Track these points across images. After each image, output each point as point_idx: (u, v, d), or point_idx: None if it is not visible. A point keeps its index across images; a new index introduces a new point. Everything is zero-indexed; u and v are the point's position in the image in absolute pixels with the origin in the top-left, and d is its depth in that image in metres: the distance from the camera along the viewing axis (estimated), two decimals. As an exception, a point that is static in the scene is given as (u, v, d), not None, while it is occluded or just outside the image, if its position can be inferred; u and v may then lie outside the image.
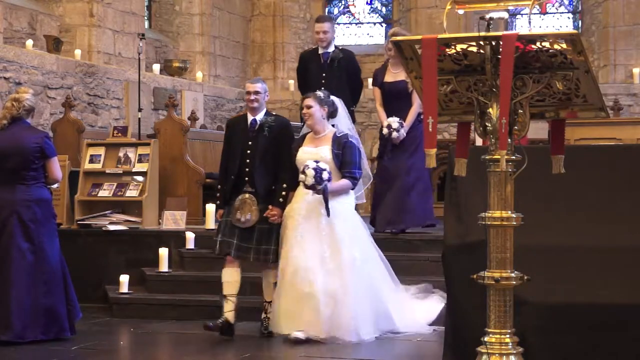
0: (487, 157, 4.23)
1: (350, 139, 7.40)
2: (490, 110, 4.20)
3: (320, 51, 9.29)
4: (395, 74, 8.99)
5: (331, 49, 9.23)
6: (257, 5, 17.96)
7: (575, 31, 4.18)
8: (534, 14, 16.84)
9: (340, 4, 18.61)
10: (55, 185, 7.67)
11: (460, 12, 4.46)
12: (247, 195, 7.57)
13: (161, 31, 16.40)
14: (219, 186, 7.85)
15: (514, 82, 4.11)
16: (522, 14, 17.06)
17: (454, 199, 5.28)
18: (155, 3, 16.46)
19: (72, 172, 9.92)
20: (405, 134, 8.78)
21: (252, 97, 7.70)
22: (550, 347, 4.91)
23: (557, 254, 5.01)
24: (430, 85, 4.16)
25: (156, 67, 14.57)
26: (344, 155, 7.33)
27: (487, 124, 4.22)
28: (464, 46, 4.19)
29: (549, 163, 4.37)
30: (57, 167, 7.49)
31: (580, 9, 17.38)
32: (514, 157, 4.21)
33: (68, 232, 9.40)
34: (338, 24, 18.62)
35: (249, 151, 7.66)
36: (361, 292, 7.23)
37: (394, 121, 8.75)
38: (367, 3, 18.45)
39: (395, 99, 8.94)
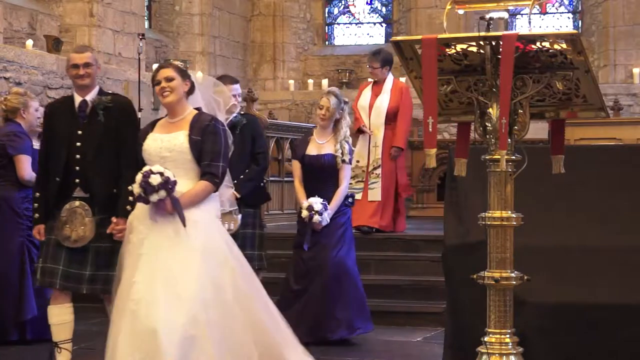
0: (487, 157, 4.23)
1: (215, 124, 5.33)
2: (490, 110, 4.20)
3: (220, 118, 7.50)
4: (320, 146, 7.34)
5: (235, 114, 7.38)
6: (257, 5, 17.97)
7: (575, 31, 4.18)
8: (534, 14, 16.84)
9: (340, 4, 18.61)
10: None
11: (460, 12, 4.46)
12: (77, 204, 5.72)
13: (161, 31, 16.40)
14: (37, 193, 5.90)
15: (514, 82, 4.11)
16: (522, 14, 17.07)
17: (454, 199, 5.29)
18: (155, 3, 16.46)
19: (72, 172, 9.90)
20: (328, 219, 7.15)
21: (82, 71, 5.76)
22: (550, 347, 4.92)
23: (557, 254, 5.02)
24: (430, 85, 4.16)
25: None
26: (204, 143, 5.24)
27: (487, 124, 4.22)
28: (464, 46, 4.19)
29: (549, 163, 4.37)
30: (22, 165, 7.17)
31: (580, 9, 17.39)
32: (514, 157, 4.21)
33: (68, 232, 9.39)
34: (338, 24, 18.62)
35: (78, 143, 5.76)
36: (229, 326, 5.05)
37: (316, 202, 7.13)
38: (367, 3, 18.45)
39: (319, 176, 7.31)
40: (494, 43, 4.11)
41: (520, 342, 4.27)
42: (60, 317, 5.83)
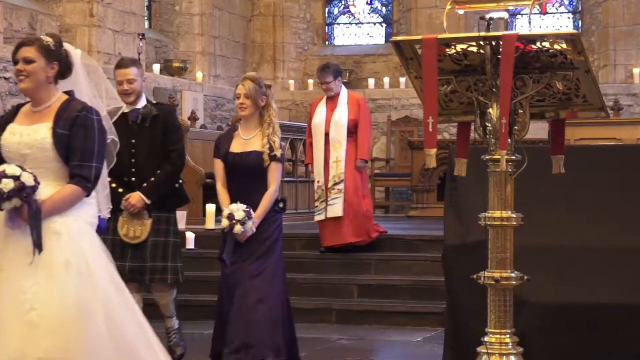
0: (487, 157, 4.23)
1: (87, 114, 4.24)
2: (490, 110, 4.20)
3: (126, 109, 6.25)
4: (245, 142, 6.11)
5: (141, 103, 6.40)
6: (257, 5, 17.96)
7: (575, 31, 4.18)
8: (534, 14, 16.83)
9: (340, 4, 18.60)
10: None
11: (460, 12, 4.46)
12: None
13: (161, 31, 16.40)
14: None
15: (514, 82, 4.11)
16: (522, 14, 17.06)
17: (454, 199, 5.29)
18: (155, 3, 16.46)
19: (72, 172, 9.88)
20: (254, 229, 5.95)
21: None
22: (550, 347, 4.92)
23: (557, 254, 5.02)
24: (430, 85, 4.16)
25: (156, 67, 14.58)
26: (73, 138, 4.20)
27: (487, 124, 4.22)
28: (464, 46, 4.19)
29: (549, 163, 4.37)
30: None
31: (580, 9, 17.38)
32: (514, 157, 4.21)
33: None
34: (338, 24, 18.61)
35: None
36: (98, 358, 4.07)
37: (238, 210, 5.92)
38: (367, 3, 18.44)
39: (245, 178, 6.09)
40: (494, 43, 4.11)
41: (520, 342, 4.27)
42: None
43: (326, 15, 18.56)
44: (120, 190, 6.15)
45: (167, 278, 6.26)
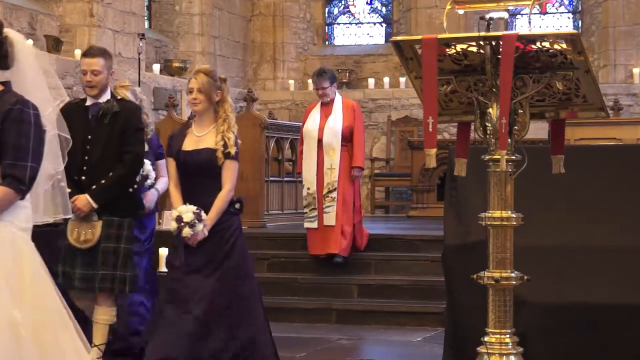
0: (487, 157, 4.23)
1: (23, 108, 3.73)
2: (490, 110, 4.20)
3: (88, 102, 6.03)
4: (198, 139, 5.68)
5: (104, 98, 6.01)
6: (257, 5, 17.96)
7: (575, 31, 4.18)
8: (534, 14, 16.83)
9: (340, 4, 18.60)
10: None
11: (460, 12, 4.47)
12: None
13: (161, 31, 16.40)
14: None
15: (514, 82, 4.11)
16: (522, 14, 17.06)
17: (454, 199, 5.29)
18: (155, 3, 16.46)
19: (72, 172, 9.86)
20: (206, 232, 5.50)
21: None
22: (550, 347, 4.92)
23: (557, 254, 5.02)
24: (430, 85, 4.16)
25: (156, 67, 14.58)
26: (5, 134, 3.68)
27: (487, 124, 4.22)
28: (464, 46, 4.19)
29: (549, 163, 4.37)
30: None
31: (580, 9, 17.38)
32: (514, 157, 4.21)
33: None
34: (338, 24, 18.60)
35: None
36: None
37: (187, 211, 5.48)
38: (367, 3, 18.44)
39: (197, 178, 5.64)
40: (494, 43, 4.11)
41: (520, 342, 4.27)
42: None
43: (326, 15, 18.56)
44: (69, 190, 5.47)
45: (114, 288, 5.81)
